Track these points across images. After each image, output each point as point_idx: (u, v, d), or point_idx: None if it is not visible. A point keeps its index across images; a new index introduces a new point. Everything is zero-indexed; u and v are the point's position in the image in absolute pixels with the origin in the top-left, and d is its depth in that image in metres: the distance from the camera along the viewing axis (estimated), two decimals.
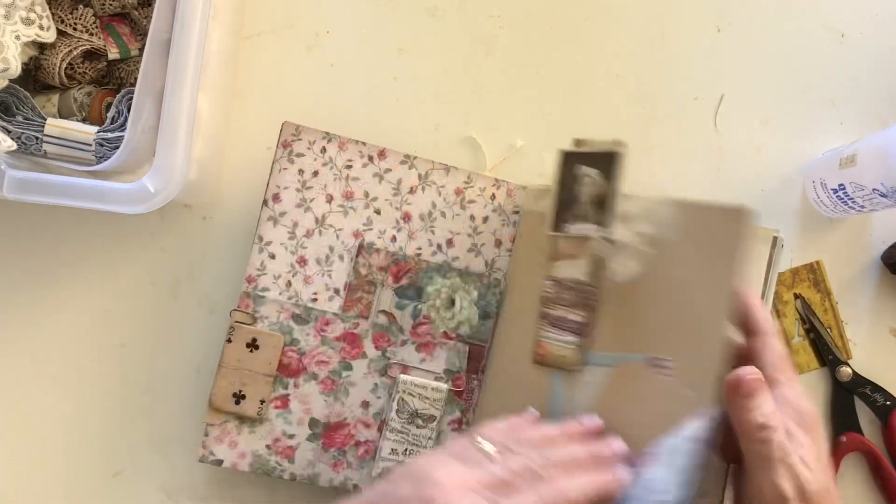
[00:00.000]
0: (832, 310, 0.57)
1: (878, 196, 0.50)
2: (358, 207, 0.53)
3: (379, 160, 0.53)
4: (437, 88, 0.59)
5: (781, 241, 0.47)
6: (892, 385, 0.56)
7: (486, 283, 0.53)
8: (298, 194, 0.53)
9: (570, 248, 0.49)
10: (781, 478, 0.42)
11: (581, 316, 0.48)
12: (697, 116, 0.59)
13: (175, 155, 0.47)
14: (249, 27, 0.59)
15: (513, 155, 0.58)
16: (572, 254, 0.49)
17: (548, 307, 0.49)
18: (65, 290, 0.57)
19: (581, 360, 0.48)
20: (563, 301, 0.49)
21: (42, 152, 0.50)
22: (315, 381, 0.52)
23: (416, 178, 0.53)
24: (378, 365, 0.52)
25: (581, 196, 0.49)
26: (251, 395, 0.51)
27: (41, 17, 0.51)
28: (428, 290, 0.53)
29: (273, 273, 0.52)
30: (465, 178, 0.53)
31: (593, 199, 0.48)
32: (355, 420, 0.52)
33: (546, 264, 0.50)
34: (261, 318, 0.52)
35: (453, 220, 0.53)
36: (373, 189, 0.53)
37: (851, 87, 0.59)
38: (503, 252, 0.53)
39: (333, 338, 0.52)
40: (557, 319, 0.49)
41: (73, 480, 0.55)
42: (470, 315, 0.52)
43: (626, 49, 0.59)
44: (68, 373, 0.56)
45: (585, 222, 0.48)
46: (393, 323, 0.52)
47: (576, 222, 0.49)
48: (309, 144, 0.53)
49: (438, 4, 0.59)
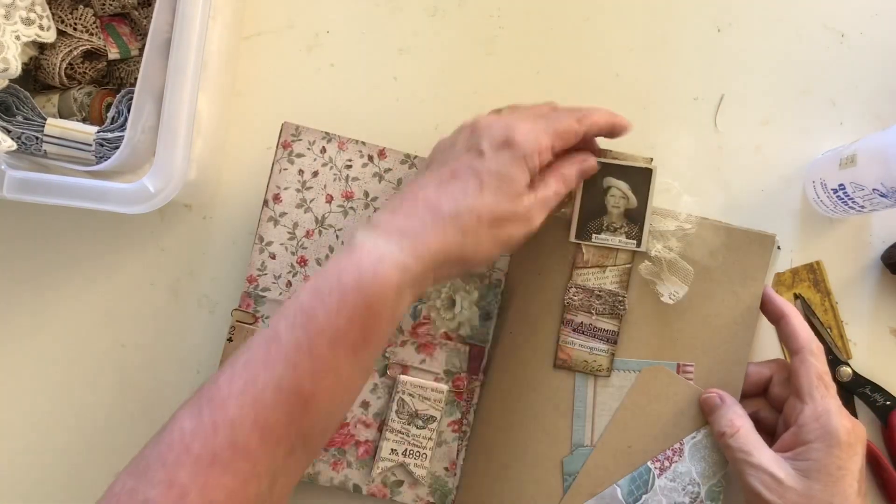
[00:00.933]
0: (832, 310, 0.57)
1: (878, 196, 0.50)
2: (358, 207, 0.53)
3: (379, 160, 0.53)
4: (437, 88, 0.59)
5: (778, 244, 0.49)
6: (892, 385, 0.56)
7: (486, 284, 0.53)
8: (298, 194, 0.53)
9: (597, 257, 0.51)
10: (749, 477, 0.44)
11: (610, 324, 0.51)
12: (697, 116, 0.59)
13: (175, 155, 0.47)
14: (249, 27, 0.59)
15: None
16: (600, 263, 0.51)
17: (572, 314, 0.51)
18: (65, 290, 0.57)
19: (610, 367, 0.51)
20: (591, 308, 0.51)
21: (42, 152, 0.50)
22: None
23: None
24: (378, 365, 0.52)
25: (609, 207, 0.50)
26: None
27: (41, 17, 0.51)
28: (427, 290, 0.53)
29: (273, 273, 0.52)
30: None
31: (622, 212, 0.50)
32: (355, 420, 0.52)
33: (568, 271, 0.51)
34: (262, 318, 0.52)
35: None
36: (373, 189, 0.53)
37: (851, 87, 0.59)
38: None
39: None
40: (583, 326, 0.51)
41: (73, 480, 0.55)
42: (471, 316, 0.52)
43: (626, 49, 0.59)
44: (68, 373, 0.56)
45: (613, 234, 0.50)
46: None
47: (602, 232, 0.50)
48: (309, 144, 0.53)
49: (438, 4, 0.59)
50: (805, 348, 0.48)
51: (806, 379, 0.47)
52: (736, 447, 0.46)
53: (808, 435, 0.45)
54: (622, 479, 0.50)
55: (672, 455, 0.49)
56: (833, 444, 0.44)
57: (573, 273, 0.51)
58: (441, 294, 0.52)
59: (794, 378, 0.48)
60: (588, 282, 0.51)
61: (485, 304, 0.53)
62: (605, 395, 0.50)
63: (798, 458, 0.45)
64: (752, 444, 0.46)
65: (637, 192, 0.50)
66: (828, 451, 0.44)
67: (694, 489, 0.49)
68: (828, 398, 0.46)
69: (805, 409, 0.46)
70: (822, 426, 0.45)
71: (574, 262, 0.51)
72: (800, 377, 0.47)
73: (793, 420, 0.47)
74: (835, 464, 0.44)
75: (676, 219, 0.50)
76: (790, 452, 0.46)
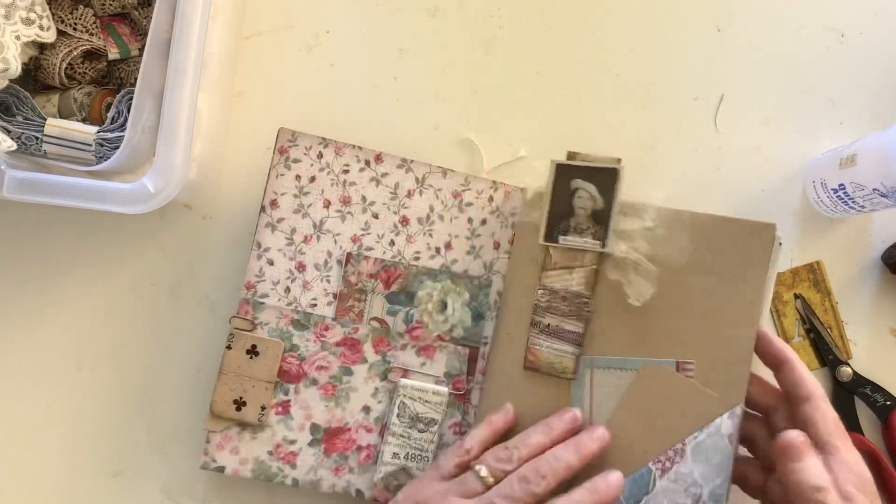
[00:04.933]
0: (832, 310, 0.57)
1: (878, 196, 0.50)
2: (356, 212, 0.53)
3: (376, 164, 0.53)
4: (437, 88, 0.59)
5: (780, 240, 0.48)
6: (893, 385, 0.56)
7: (476, 285, 0.53)
8: (296, 200, 0.52)
9: (564, 259, 0.50)
10: None
11: (576, 326, 0.50)
12: (697, 116, 0.59)
13: (175, 155, 0.47)
14: (249, 27, 0.59)
15: (512, 158, 0.58)
16: (567, 265, 0.50)
17: (540, 315, 0.50)
18: (65, 290, 0.57)
19: (575, 369, 0.50)
20: (557, 311, 0.50)
21: (42, 152, 0.50)
22: (315, 386, 0.52)
23: (414, 182, 0.53)
24: (378, 369, 0.52)
25: (576, 209, 0.50)
26: (252, 402, 0.51)
27: (41, 17, 0.51)
28: (419, 294, 0.53)
29: (272, 279, 0.52)
30: (463, 180, 0.53)
31: (589, 214, 0.50)
32: (356, 425, 0.52)
33: (538, 273, 0.51)
34: (260, 325, 0.52)
35: (451, 223, 0.53)
36: (370, 193, 0.53)
37: (851, 87, 0.59)
38: (501, 254, 0.53)
39: (333, 343, 0.52)
40: (550, 328, 0.50)
41: (73, 480, 0.55)
42: (463, 317, 0.52)
43: (626, 49, 0.59)
44: (68, 372, 0.56)
45: (580, 236, 0.49)
46: (386, 329, 0.52)
47: (569, 234, 0.50)
48: (305, 150, 0.53)
49: (438, 4, 0.59)
50: (815, 395, 0.46)
51: (825, 427, 0.45)
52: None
53: (847, 486, 0.44)
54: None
55: (674, 456, 0.48)
56: (868, 492, 0.44)
57: (542, 275, 0.51)
58: (433, 297, 0.52)
59: (809, 426, 0.46)
60: (555, 283, 0.50)
61: (476, 305, 0.53)
62: (602, 396, 0.50)
63: None
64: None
65: (604, 193, 0.49)
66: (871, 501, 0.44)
67: (696, 491, 0.48)
68: (850, 446, 0.45)
69: (833, 461, 0.44)
70: (858, 476, 0.44)
71: (543, 265, 0.51)
72: (817, 426, 0.45)
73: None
74: None
75: (642, 219, 0.49)
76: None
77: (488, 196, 0.53)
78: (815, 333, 0.56)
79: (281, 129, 0.52)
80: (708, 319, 0.48)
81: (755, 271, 0.48)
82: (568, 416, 0.48)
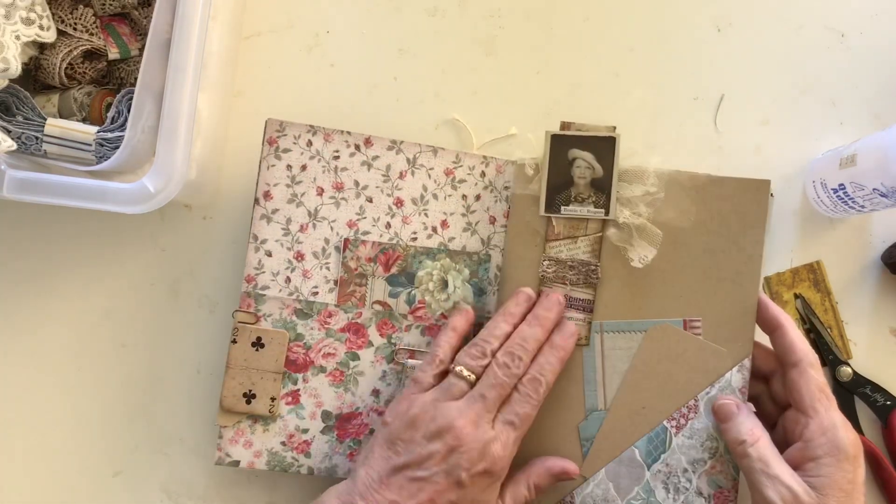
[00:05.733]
0: (832, 310, 0.57)
1: (878, 196, 0.50)
2: (349, 197, 0.53)
3: (366, 148, 0.53)
4: (437, 88, 0.59)
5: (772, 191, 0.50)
6: (893, 385, 0.56)
7: (475, 261, 0.53)
8: (289, 190, 0.52)
9: (567, 229, 0.51)
10: (766, 488, 0.44)
11: (586, 293, 0.51)
12: (697, 116, 0.59)
13: (175, 155, 0.47)
14: (249, 27, 0.59)
15: (506, 142, 0.58)
16: (571, 235, 0.51)
17: (548, 286, 0.51)
18: (65, 289, 0.57)
19: (588, 335, 0.51)
20: (565, 280, 0.51)
21: (42, 152, 0.50)
22: (323, 373, 0.52)
23: (405, 163, 0.53)
24: (385, 352, 0.52)
25: (575, 178, 0.51)
26: (261, 394, 0.51)
27: (41, 17, 0.51)
28: (419, 274, 0.53)
29: (271, 270, 0.52)
30: (454, 157, 0.53)
31: (588, 182, 0.51)
32: (367, 409, 0.52)
33: (542, 245, 0.52)
34: (264, 317, 0.52)
35: (445, 201, 0.53)
36: (362, 178, 0.53)
37: (851, 87, 0.59)
38: (498, 228, 0.53)
39: (338, 329, 0.52)
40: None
41: (73, 480, 0.55)
42: (465, 294, 0.53)
43: (626, 49, 0.59)
44: (69, 372, 0.56)
45: (581, 205, 0.51)
46: (390, 312, 0.53)
47: (570, 204, 0.51)
48: (294, 139, 0.53)
49: (438, 4, 0.59)
50: (804, 360, 0.47)
51: (807, 392, 0.46)
52: (756, 456, 0.45)
53: (817, 450, 0.45)
54: (639, 440, 0.50)
55: (687, 412, 0.49)
56: (842, 459, 0.44)
57: (546, 246, 0.51)
58: (433, 277, 0.53)
59: (793, 391, 0.47)
60: (560, 254, 0.51)
61: (477, 280, 0.53)
62: (613, 359, 0.51)
63: (809, 473, 0.44)
64: (771, 456, 0.45)
65: (602, 161, 0.51)
66: (838, 465, 0.44)
67: (713, 444, 0.49)
68: (831, 411, 0.46)
69: (810, 424, 0.46)
70: (830, 441, 0.45)
71: (546, 236, 0.51)
72: (801, 390, 0.47)
73: (797, 434, 0.46)
74: (845, 478, 0.44)
75: (643, 183, 0.50)
76: (800, 469, 0.45)
77: (480, 171, 0.54)
78: (815, 333, 0.56)
79: (269, 120, 0.52)
80: (711, 277, 0.50)
81: (754, 227, 0.50)
82: (522, 296, 0.50)
